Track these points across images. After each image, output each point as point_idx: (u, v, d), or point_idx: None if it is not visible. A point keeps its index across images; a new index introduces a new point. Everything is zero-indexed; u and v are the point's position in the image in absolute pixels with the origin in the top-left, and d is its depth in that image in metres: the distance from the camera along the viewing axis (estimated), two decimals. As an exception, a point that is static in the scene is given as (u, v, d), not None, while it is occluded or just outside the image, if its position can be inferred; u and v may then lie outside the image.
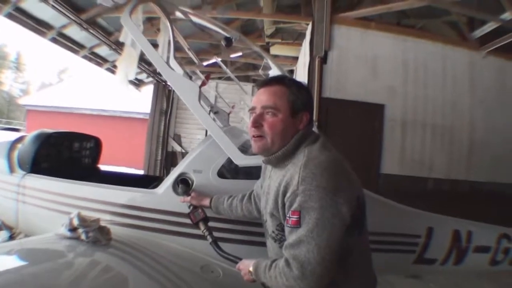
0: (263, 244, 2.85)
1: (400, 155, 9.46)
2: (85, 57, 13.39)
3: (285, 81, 2.61)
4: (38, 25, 10.18)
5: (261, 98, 2.55)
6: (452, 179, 9.67)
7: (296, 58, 13.61)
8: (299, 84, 2.65)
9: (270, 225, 2.60)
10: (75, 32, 11.20)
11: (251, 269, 2.48)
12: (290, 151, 2.48)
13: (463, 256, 4.26)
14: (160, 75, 14.68)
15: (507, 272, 4.69)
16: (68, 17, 9.73)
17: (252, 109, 2.58)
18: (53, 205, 3.86)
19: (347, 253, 2.29)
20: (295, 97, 2.53)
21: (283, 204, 2.35)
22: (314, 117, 2.95)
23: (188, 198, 3.48)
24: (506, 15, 8.94)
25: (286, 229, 2.30)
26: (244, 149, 3.61)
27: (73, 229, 3.01)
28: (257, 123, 2.52)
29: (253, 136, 2.56)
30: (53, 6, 8.83)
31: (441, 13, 10.66)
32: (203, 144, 3.94)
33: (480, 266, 4.42)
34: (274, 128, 2.49)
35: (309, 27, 9.96)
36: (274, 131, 2.49)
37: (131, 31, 3.55)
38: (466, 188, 9.62)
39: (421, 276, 5.81)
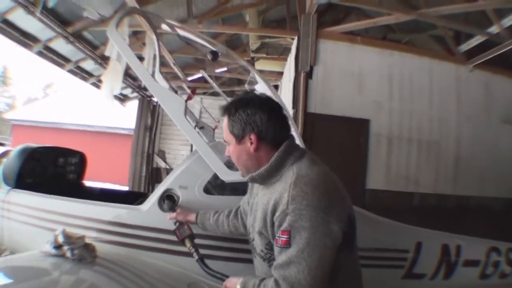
0: (251, 261, 2.82)
1: (386, 170, 9.45)
2: (70, 71, 13.33)
3: (225, 109, 2.66)
4: (25, 38, 10.13)
5: None
6: (439, 194, 9.67)
7: (281, 73, 13.66)
8: (237, 106, 2.61)
9: (258, 244, 2.58)
10: (61, 45, 11.14)
11: (238, 287, 2.43)
12: (273, 168, 2.47)
13: (452, 271, 4.30)
14: (145, 90, 14.77)
15: (497, 286, 4.65)
16: (55, 30, 9.71)
17: None
18: (38, 222, 3.82)
19: (337, 270, 2.26)
20: (232, 124, 2.58)
21: (272, 223, 2.33)
22: (299, 132, 2.94)
23: (174, 215, 3.47)
24: (493, 29, 9.04)
25: (276, 249, 2.27)
26: (230, 164, 3.51)
27: (58, 246, 2.97)
28: (228, 153, 2.71)
29: None
30: (39, 19, 8.79)
31: (428, 27, 10.72)
32: (188, 160, 3.95)
33: (470, 280, 4.43)
34: (233, 157, 2.67)
35: (295, 42, 9.95)
36: (234, 159, 2.67)
37: (117, 44, 3.51)
38: (453, 203, 9.64)
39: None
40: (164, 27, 4.87)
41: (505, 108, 10.38)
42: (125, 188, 16.95)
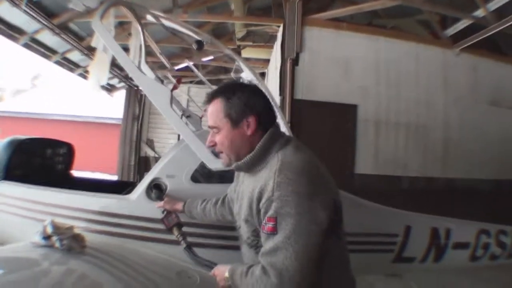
0: (239, 248, 2.82)
1: (374, 154, 9.51)
2: (57, 62, 13.35)
3: (220, 93, 2.59)
4: (11, 30, 10.15)
5: (208, 117, 2.59)
6: (428, 177, 9.75)
7: (267, 61, 13.63)
8: (234, 89, 2.59)
9: (245, 231, 2.58)
10: (47, 37, 11.16)
11: (226, 275, 2.41)
12: (258, 156, 2.46)
13: (442, 253, 4.33)
14: (132, 80, 14.68)
15: (487, 268, 4.70)
16: (40, 22, 9.71)
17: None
18: (27, 213, 3.82)
19: (325, 256, 2.25)
20: (230, 107, 2.51)
21: (258, 210, 2.32)
22: (286, 119, 2.93)
23: (162, 203, 3.48)
24: (479, 12, 9.03)
25: (262, 236, 2.26)
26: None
27: (47, 237, 2.96)
28: (212, 142, 2.60)
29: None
30: (25, 11, 8.77)
31: (413, 12, 10.70)
32: (175, 149, 3.96)
33: (460, 262, 4.48)
34: (223, 144, 2.54)
35: (280, 29, 9.95)
36: (224, 147, 2.55)
37: (102, 36, 3.52)
38: (442, 185, 9.73)
39: (401, 274, 5.80)
40: (149, 17, 4.87)
41: (492, 90, 10.49)
42: (114, 177, 17.20)
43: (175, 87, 3.84)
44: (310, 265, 2.10)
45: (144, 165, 18.19)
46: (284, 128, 3.27)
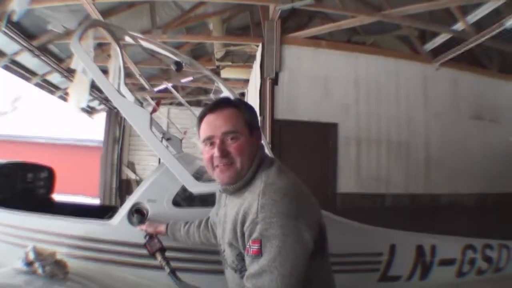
0: (223, 272, 2.76)
1: (356, 173, 9.52)
2: (37, 84, 13.34)
3: (233, 101, 2.55)
4: (-10, 52, 10.04)
5: (216, 124, 2.42)
6: (411, 193, 9.78)
7: (247, 81, 13.64)
8: (245, 102, 2.62)
9: (229, 255, 2.51)
10: (27, 59, 11.14)
11: None
12: (250, 178, 2.40)
13: (428, 271, 4.30)
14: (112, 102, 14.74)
15: (474, 282, 4.68)
16: (20, 43, 9.71)
17: (209, 138, 2.43)
18: (8, 238, 3.74)
19: (310, 278, 2.21)
20: (248, 116, 2.47)
21: (242, 234, 2.27)
22: (267, 139, 2.91)
23: (144, 226, 3.44)
24: (458, 26, 9.11)
25: (247, 259, 2.21)
26: (198, 176, 3.60)
27: (29, 263, 2.92)
28: (225, 151, 2.38)
29: (218, 166, 2.42)
30: (4, 32, 8.78)
31: (392, 27, 10.78)
32: (156, 173, 3.89)
33: (447, 278, 4.45)
34: (242, 152, 2.39)
35: (259, 49, 9.95)
36: (242, 155, 2.39)
37: (80, 57, 3.49)
38: (426, 202, 9.78)
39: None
40: (128, 38, 4.85)
41: (473, 104, 10.60)
42: (96, 201, 17.12)
43: (154, 110, 3.82)
44: (297, 287, 2.06)
45: (125, 188, 18.16)
46: (266, 149, 3.22)
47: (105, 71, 3.87)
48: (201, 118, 2.48)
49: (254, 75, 10.95)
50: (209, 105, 2.56)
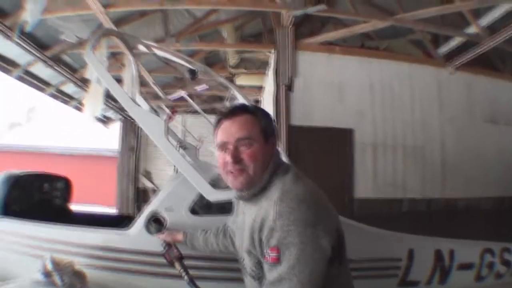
0: (242, 280, 2.75)
1: (373, 178, 9.47)
2: (51, 95, 13.35)
3: (250, 108, 2.58)
4: (4, 63, 10.14)
5: (231, 130, 2.44)
6: (428, 198, 9.71)
7: (261, 88, 13.61)
8: (261, 109, 2.62)
9: (248, 263, 2.51)
10: (40, 69, 11.13)
11: None
12: (265, 184, 2.40)
13: (447, 275, 4.30)
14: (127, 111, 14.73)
15: (492, 286, 4.65)
16: (33, 54, 9.69)
17: (223, 145, 2.47)
18: (26, 249, 3.77)
19: (329, 284, 2.21)
20: (264, 122, 2.48)
21: (260, 241, 2.28)
22: (283, 146, 2.90)
23: (163, 235, 3.45)
24: (471, 29, 9.06)
25: (266, 267, 2.22)
26: (215, 183, 3.55)
27: (47, 274, 2.92)
28: (237, 157, 2.40)
29: (231, 172, 2.44)
30: (17, 43, 8.79)
31: (405, 32, 10.74)
32: (173, 182, 3.97)
33: (466, 283, 4.45)
34: (255, 159, 2.40)
35: (273, 55, 9.96)
36: (255, 162, 2.40)
37: (94, 67, 3.53)
38: (442, 206, 9.70)
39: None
40: (141, 47, 4.85)
41: (488, 107, 10.49)
42: (113, 210, 17.07)
43: (170, 118, 3.83)
44: None
45: (142, 197, 18.09)
46: (283, 155, 3.22)
47: (119, 80, 3.88)
48: (217, 124, 2.50)
49: (269, 82, 10.96)
50: (225, 111, 2.57)
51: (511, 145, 10.49)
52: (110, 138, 22.33)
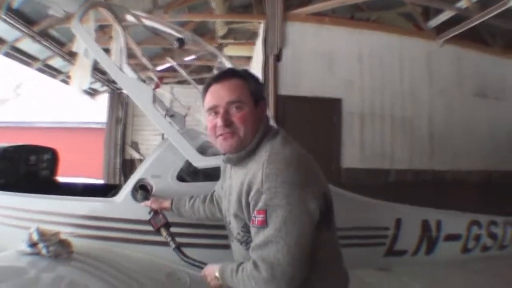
0: (229, 247, 2.74)
1: (361, 148, 9.61)
2: (39, 69, 13.35)
3: (239, 72, 2.49)
4: (-10, 40, 10.04)
5: (221, 94, 2.38)
6: (416, 169, 9.84)
7: (250, 58, 13.63)
8: (251, 73, 2.55)
9: (234, 227, 2.49)
10: (28, 45, 11.15)
11: (217, 274, 2.37)
12: (254, 148, 2.37)
13: (434, 246, 4.29)
14: (115, 83, 14.66)
15: (479, 259, 4.67)
16: (21, 30, 9.69)
17: (213, 108, 2.39)
18: (13, 221, 3.74)
19: (317, 250, 2.18)
20: (253, 86, 2.42)
21: (247, 204, 2.24)
22: (271, 115, 2.90)
23: (148, 202, 3.41)
24: (462, 3, 9.09)
25: (252, 230, 2.19)
26: (203, 150, 3.57)
27: (33, 245, 2.89)
28: (228, 120, 2.34)
29: (222, 135, 2.38)
30: (4, 20, 8.76)
31: (395, 4, 10.71)
32: (160, 148, 3.87)
33: (452, 254, 4.46)
34: (245, 122, 2.34)
35: (262, 26, 9.94)
36: (245, 125, 2.34)
37: (82, 37, 3.49)
38: (430, 177, 9.84)
39: (392, 268, 5.80)
40: (130, 18, 4.81)
41: (477, 81, 10.64)
42: (100, 182, 16.80)
43: (157, 86, 3.80)
44: (303, 258, 2.05)
45: (129, 168, 18.00)
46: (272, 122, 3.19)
47: (107, 51, 3.84)
48: (206, 88, 2.46)
49: (257, 52, 10.96)
50: (214, 75, 2.53)
51: (500, 119, 10.64)
52: (97, 111, 22.26)
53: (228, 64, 5.12)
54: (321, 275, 2.31)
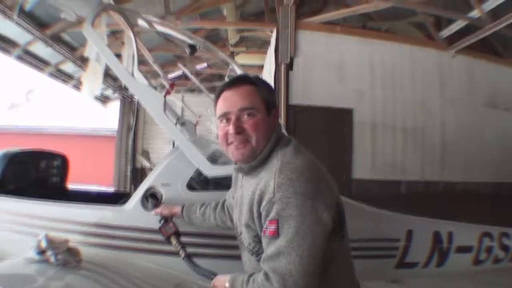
0: (239, 258, 2.68)
1: (372, 159, 9.52)
2: (51, 74, 13.40)
3: (252, 79, 2.46)
4: (3, 43, 10.16)
5: (233, 100, 2.34)
6: (427, 181, 9.76)
7: (261, 67, 13.56)
8: (263, 80, 2.53)
9: (246, 237, 2.44)
10: (40, 49, 11.18)
11: (227, 285, 2.32)
12: (266, 156, 2.33)
13: (445, 258, 4.21)
14: (126, 90, 14.70)
15: (490, 271, 4.62)
16: (33, 33, 9.72)
17: (225, 115, 2.35)
18: (22, 228, 3.69)
19: (329, 261, 2.16)
20: (266, 93, 2.39)
21: (259, 214, 2.20)
22: (282, 124, 2.87)
23: (159, 210, 3.34)
24: (474, 13, 9.04)
25: (264, 240, 2.15)
26: (213, 159, 3.54)
27: (41, 252, 2.86)
28: (240, 128, 2.30)
29: (232, 143, 2.35)
30: (17, 23, 8.79)
31: (407, 14, 10.69)
32: (170, 156, 3.83)
33: (464, 266, 4.37)
34: (257, 129, 2.31)
35: (274, 34, 9.96)
36: (257, 132, 2.31)
37: (93, 42, 3.47)
38: (441, 189, 9.75)
39: (402, 280, 5.75)
40: (141, 23, 4.80)
41: (488, 92, 10.55)
42: (111, 189, 16.73)
43: (168, 92, 3.77)
44: (315, 269, 2.01)
45: (140, 176, 17.89)
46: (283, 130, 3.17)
47: (118, 56, 3.83)
48: (218, 95, 2.42)
49: (269, 61, 10.94)
50: (226, 81, 2.49)
51: (510, 130, 10.54)
52: (109, 118, 22.23)
53: (239, 72, 5.10)
54: (332, 286, 2.27)
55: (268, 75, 10.74)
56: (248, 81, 2.41)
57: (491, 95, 10.58)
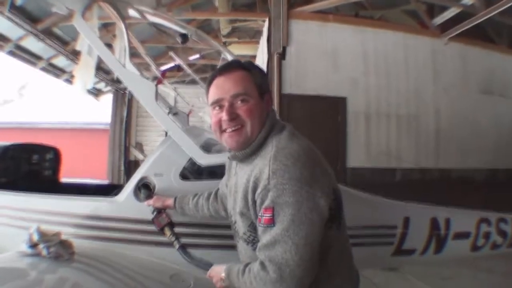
0: (234, 247, 2.64)
1: (366, 147, 9.55)
2: (43, 69, 13.43)
3: (244, 64, 2.39)
4: (-5, 38, 10.08)
5: (226, 86, 2.28)
6: (422, 168, 9.78)
7: (254, 57, 13.36)
8: (255, 65, 2.48)
9: (240, 226, 2.39)
10: (32, 43, 11.19)
11: (223, 275, 2.29)
12: (260, 143, 2.27)
13: (443, 244, 4.18)
14: (119, 82, 14.69)
15: (488, 257, 4.61)
16: (24, 27, 9.70)
17: (217, 101, 2.30)
18: (14, 221, 3.66)
19: (327, 249, 2.13)
20: (259, 78, 2.34)
21: (254, 202, 2.15)
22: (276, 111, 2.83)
23: (151, 201, 3.32)
24: (467, 0, 9.02)
25: (259, 229, 2.10)
26: (207, 147, 3.52)
27: (33, 245, 2.82)
28: (233, 114, 2.25)
29: (226, 130, 2.30)
30: (8, 17, 8.77)
31: (400, 2, 10.80)
32: (162, 146, 3.76)
33: (462, 252, 4.34)
34: (251, 115, 2.25)
35: (266, 24, 9.95)
36: (251, 118, 2.25)
37: (84, 33, 3.45)
38: (436, 176, 9.77)
39: (399, 267, 5.77)
40: (133, 13, 4.76)
41: (482, 78, 10.57)
42: (104, 182, 16.84)
43: (159, 81, 3.74)
44: (312, 257, 1.98)
45: (133, 169, 17.80)
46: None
47: (110, 47, 3.79)
48: (210, 82, 2.36)
49: (261, 51, 10.94)
50: (218, 67, 2.45)
51: (505, 116, 10.59)
52: (101, 111, 22.23)
53: (231, 58, 5.02)
54: (330, 274, 2.25)
55: (261, 65, 10.67)
56: (240, 66, 2.36)
57: (485, 82, 10.61)
